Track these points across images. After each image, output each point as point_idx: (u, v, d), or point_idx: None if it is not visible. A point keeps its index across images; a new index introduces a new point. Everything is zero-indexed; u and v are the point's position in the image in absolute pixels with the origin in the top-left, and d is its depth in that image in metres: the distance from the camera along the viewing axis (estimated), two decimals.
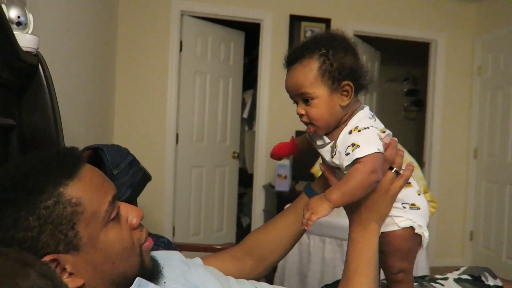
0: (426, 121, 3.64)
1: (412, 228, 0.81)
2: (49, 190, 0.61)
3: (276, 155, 0.95)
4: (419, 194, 0.84)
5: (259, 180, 3.31)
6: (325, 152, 0.82)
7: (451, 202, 3.55)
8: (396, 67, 5.10)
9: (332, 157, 0.79)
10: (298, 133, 3.14)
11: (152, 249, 0.77)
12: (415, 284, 1.08)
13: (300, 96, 0.78)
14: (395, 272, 0.84)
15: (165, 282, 0.75)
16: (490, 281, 1.10)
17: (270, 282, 0.96)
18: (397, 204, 0.81)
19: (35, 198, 0.60)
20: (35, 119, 1.02)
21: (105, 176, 0.72)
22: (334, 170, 0.84)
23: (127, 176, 1.45)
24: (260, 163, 3.31)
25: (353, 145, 0.74)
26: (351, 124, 0.78)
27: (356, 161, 0.73)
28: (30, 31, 1.01)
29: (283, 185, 2.97)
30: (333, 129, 0.80)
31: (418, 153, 3.84)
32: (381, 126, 0.80)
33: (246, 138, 4.06)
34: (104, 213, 0.66)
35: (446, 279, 1.15)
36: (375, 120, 0.80)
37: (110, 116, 2.90)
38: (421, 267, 2.23)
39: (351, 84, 0.77)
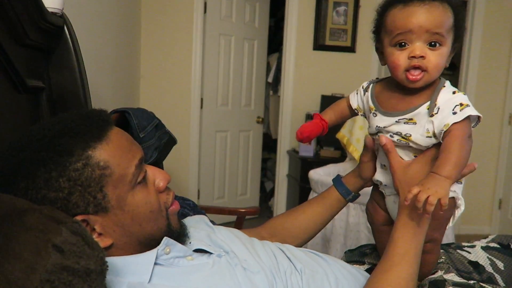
0: (459, 85, 3.48)
1: (453, 198, 0.78)
2: (78, 153, 0.62)
3: (307, 139, 0.88)
4: None
5: (283, 145, 3.30)
6: (419, 115, 0.76)
7: (481, 169, 3.44)
8: None
9: (431, 115, 0.74)
10: (323, 97, 3.08)
11: (178, 212, 0.78)
12: (441, 251, 1.07)
13: (430, 36, 0.72)
14: (425, 241, 0.81)
15: (190, 242, 0.77)
16: None
17: None
18: None
19: (65, 159, 0.61)
20: (63, 81, 1.03)
21: (133, 139, 0.72)
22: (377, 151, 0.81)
23: (153, 139, 1.47)
24: (284, 128, 3.29)
25: (461, 104, 0.72)
26: (449, 87, 0.76)
27: (453, 127, 0.71)
28: None
29: (308, 151, 2.95)
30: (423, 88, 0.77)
31: None
32: None
33: (271, 103, 4.02)
34: (131, 176, 0.66)
35: (473, 246, 1.13)
36: None
37: (135, 79, 2.91)
38: (446, 233, 2.20)
39: (457, 48, 0.77)
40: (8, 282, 0.44)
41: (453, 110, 0.72)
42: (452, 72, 4.84)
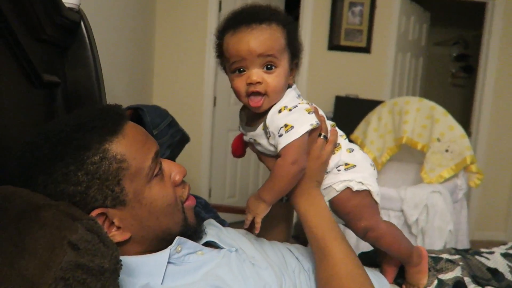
0: (476, 88, 3.42)
1: (349, 188, 0.79)
2: (95, 146, 0.62)
3: (242, 155, 0.91)
4: (350, 152, 0.82)
5: None
6: (259, 136, 0.77)
7: (497, 174, 3.39)
8: (446, 30, 4.77)
9: (268, 138, 0.76)
10: (338, 98, 3.05)
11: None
12: (457, 256, 1.04)
13: (263, 60, 0.71)
14: (363, 234, 0.83)
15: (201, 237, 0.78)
16: None
17: (305, 244, 0.96)
18: (332, 171, 0.80)
19: (82, 153, 0.61)
20: (78, 76, 1.03)
21: (148, 133, 0.73)
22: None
23: (167, 136, 1.47)
24: None
25: (285, 125, 0.72)
26: (279, 104, 0.75)
27: (280, 152, 0.72)
28: None
29: None
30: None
31: (465, 123, 3.64)
32: (306, 105, 0.76)
33: None
34: (148, 169, 0.67)
35: (492, 253, 1.11)
36: (302, 100, 0.77)
37: (149, 77, 2.92)
38: (461, 239, 2.16)
39: (299, 63, 0.78)
40: (23, 278, 0.44)
41: (279, 132, 0.72)
42: (469, 75, 4.77)
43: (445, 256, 1.02)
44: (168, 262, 0.67)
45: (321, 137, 0.78)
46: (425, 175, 2.13)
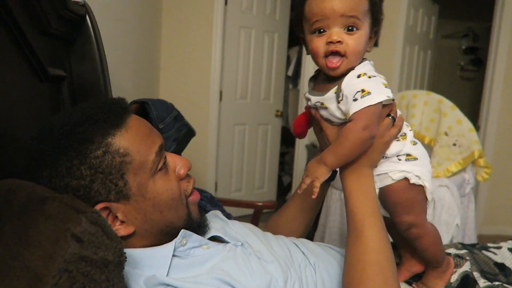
0: (485, 81, 3.37)
1: (406, 179, 0.77)
2: (98, 140, 0.62)
3: (302, 134, 0.89)
4: (414, 144, 0.80)
5: (302, 140, 3.27)
6: (328, 100, 0.75)
7: (506, 168, 3.35)
8: (455, 22, 4.70)
9: (339, 102, 0.73)
10: None
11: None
12: (464, 251, 1.03)
13: (346, 21, 0.70)
14: (406, 228, 0.81)
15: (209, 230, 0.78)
16: None
17: (310, 239, 0.96)
18: (392, 159, 0.78)
19: (85, 147, 0.61)
20: (84, 70, 1.04)
21: (152, 126, 0.72)
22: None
23: (172, 130, 1.47)
24: None
25: (362, 91, 0.70)
26: (358, 69, 0.73)
27: (352, 116, 0.70)
28: None
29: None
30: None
31: (474, 116, 3.60)
32: (384, 80, 0.75)
33: (290, 97, 3.99)
34: (151, 163, 0.66)
35: (499, 248, 1.10)
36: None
37: (155, 71, 2.93)
38: (468, 234, 2.15)
39: (378, 32, 0.76)
40: (27, 269, 0.44)
41: (354, 96, 0.70)
42: (478, 68, 4.70)
43: (452, 251, 1.02)
44: (174, 255, 0.67)
45: (389, 117, 0.76)
46: (433, 169, 2.11)
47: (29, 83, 0.86)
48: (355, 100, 0.70)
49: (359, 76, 0.72)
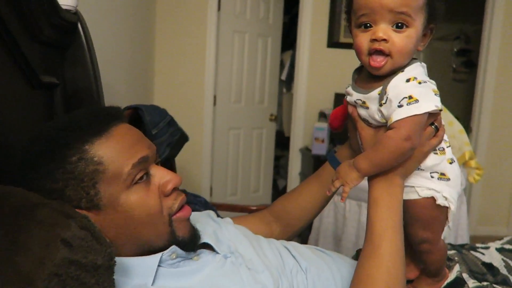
0: (477, 83, 3.41)
1: (433, 198, 0.72)
2: (76, 146, 0.63)
3: (339, 128, 0.84)
4: (451, 163, 0.74)
5: (296, 143, 3.29)
6: (371, 100, 0.70)
7: (498, 169, 3.38)
8: (446, 24, 4.74)
9: (381, 105, 0.67)
10: (337, 95, 3.06)
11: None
12: (453, 251, 1.05)
13: (394, 17, 0.64)
14: (418, 242, 0.78)
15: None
16: None
17: (305, 243, 0.96)
18: (424, 173, 0.72)
19: (64, 152, 0.62)
20: (77, 77, 1.04)
21: (143, 137, 0.70)
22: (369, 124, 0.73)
23: (166, 135, 1.48)
24: (297, 126, 3.27)
25: (410, 97, 0.63)
26: (408, 72, 0.67)
27: (394, 124, 0.64)
28: None
29: (320, 149, 2.93)
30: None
31: (466, 118, 3.64)
32: (434, 86, 0.69)
33: (284, 101, 4.00)
34: (126, 175, 0.63)
35: (487, 248, 1.11)
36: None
37: (150, 76, 2.94)
38: (461, 234, 2.17)
39: (435, 28, 0.69)
40: (18, 274, 0.45)
41: (399, 102, 0.64)
42: (470, 70, 4.74)
43: None
44: (160, 266, 0.66)
45: (432, 126, 0.70)
46: None
47: (21, 91, 0.87)
48: (400, 106, 0.64)
49: (408, 80, 0.66)
